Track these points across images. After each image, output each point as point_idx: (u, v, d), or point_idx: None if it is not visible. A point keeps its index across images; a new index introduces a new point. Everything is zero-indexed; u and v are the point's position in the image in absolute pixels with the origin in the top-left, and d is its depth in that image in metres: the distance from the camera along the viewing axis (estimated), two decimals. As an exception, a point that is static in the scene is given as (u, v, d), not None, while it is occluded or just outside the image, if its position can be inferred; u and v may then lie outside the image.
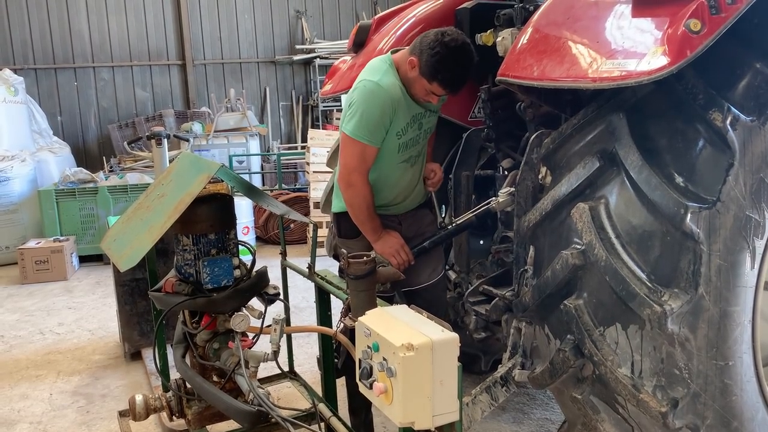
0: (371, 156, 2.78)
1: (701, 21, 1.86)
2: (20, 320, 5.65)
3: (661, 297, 2.00)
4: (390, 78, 2.75)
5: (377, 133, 2.74)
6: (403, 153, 2.88)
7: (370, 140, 2.74)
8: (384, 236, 2.88)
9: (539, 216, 2.40)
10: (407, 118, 2.81)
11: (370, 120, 2.71)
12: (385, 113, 2.72)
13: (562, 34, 2.29)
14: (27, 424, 3.74)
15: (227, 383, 2.67)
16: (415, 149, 2.92)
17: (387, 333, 1.79)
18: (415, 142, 2.90)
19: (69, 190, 7.51)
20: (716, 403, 2.04)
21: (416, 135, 2.89)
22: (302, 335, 4.64)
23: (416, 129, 2.87)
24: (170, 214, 2.46)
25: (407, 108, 2.79)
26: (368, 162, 2.79)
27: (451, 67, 2.62)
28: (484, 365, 3.73)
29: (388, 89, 2.72)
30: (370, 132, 2.73)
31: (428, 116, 2.91)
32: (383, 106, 2.71)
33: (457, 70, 2.65)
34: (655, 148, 2.12)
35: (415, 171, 3.00)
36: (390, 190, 2.96)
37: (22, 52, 10.76)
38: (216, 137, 9.96)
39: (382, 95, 2.71)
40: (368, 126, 2.72)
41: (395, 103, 2.73)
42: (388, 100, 2.71)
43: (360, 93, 2.75)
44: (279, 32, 12.17)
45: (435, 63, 2.61)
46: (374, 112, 2.71)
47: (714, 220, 1.94)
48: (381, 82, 2.73)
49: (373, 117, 2.71)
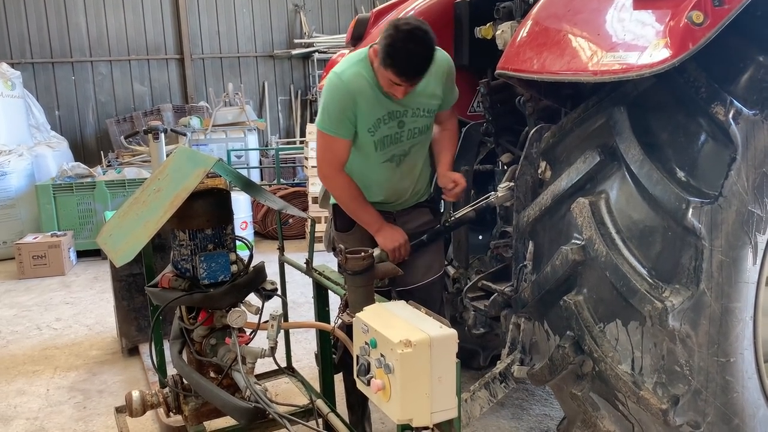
0: (341, 149, 2.76)
1: (704, 13, 1.83)
2: (17, 315, 5.63)
3: (662, 293, 1.98)
4: (354, 69, 2.72)
5: (341, 125, 2.72)
6: (382, 151, 2.82)
7: (336, 132, 2.73)
8: (385, 228, 2.84)
9: (539, 211, 2.38)
10: (379, 113, 2.74)
11: (331, 111, 2.72)
12: (345, 105, 2.70)
13: (562, 26, 2.26)
14: (24, 420, 3.73)
15: (224, 379, 2.65)
16: (398, 148, 2.85)
17: (385, 329, 1.77)
18: (395, 141, 2.83)
19: (66, 184, 7.49)
20: (717, 400, 2.02)
21: (395, 133, 2.81)
22: (300, 331, 4.62)
23: (395, 127, 2.80)
24: (166, 209, 2.44)
25: (377, 102, 2.73)
26: (338, 154, 2.77)
27: (401, 53, 2.52)
28: (483, 361, 3.72)
29: (348, 81, 2.69)
30: (333, 123, 2.73)
31: (411, 115, 2.81)
32: (341, 98, 2.70)
33: (408, 56, 2.53)
34: (656, 143, 2.09)
35: (405, 172, 2.92)
36: (377, 190, 2.92)
37: (20, 46, 10.72)
38: (214, 132, 9.94)
39: (340, 87, 2.70)
40: (330, 117, 2.72)
41: (356, 95, 2.69)
42: (345, 92, 2.69)
43: (325, 85, 2.77)
44: (277, 26, 12.13)
45: (386, 47, 2.53)
46: (334, 103, 2.71)
47: (716, 215, 1.92)
48: (342, 74, 2.71)
49: (334, 108, 2.71)
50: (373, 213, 2.85)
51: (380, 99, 2.73)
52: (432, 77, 2.73)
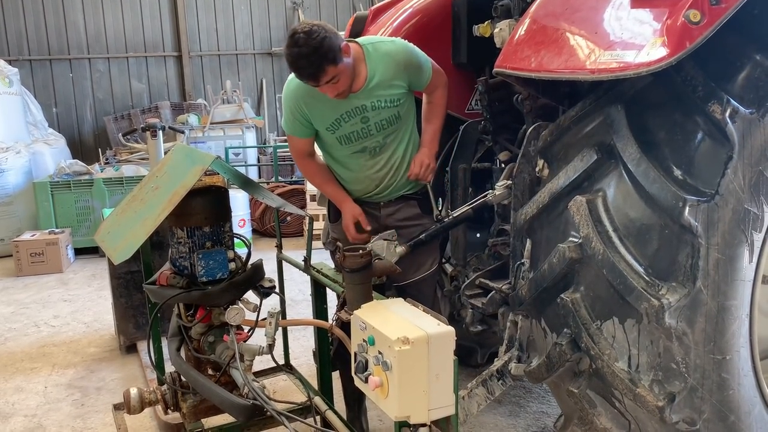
0: (296, 145, 3.02)
1: (701, 12, 1.84)
2: (15, 313, 5.63)
3: (658, 291, 1.99)
4: None
5: (294, 126, 2.95)
6: (348, 145, 2.93)
7: (291, 131, 2.98)
8: (347, 203, 3.02)
9: (536, 209, 2.39)
10: (334, 114, 2.85)
11: (286, 114, 2.96)
12: (294, 109, 2.90)
13: (560, 25, 2.26)
14: (22, 417, 3.73)
15: (222, 377, 2.65)
16: (369, 141, 2.91)
17: (383, 326, 1.78)
18: (364, 135, 2.90)
19: (64, 182, 7.48)
20: (713, 398, 2.03)
21: (361, 129, 2.89)
22: (298, 328, 4.63)
23: (358, 123, 2.87)
24: (164, 206, 2.43)
25: (330, 104, 2.82)
26: (298, 148, 3.03)
27: (289, 58, 2.64)
28: (481, 358, 3.73)
29: (295, 87, 2.87)
30: (289, 124, 2.97)
31: (372, 109, 2.85)
32: (289, 104, 2.91)
33: (293, 60, 2.62)
34: (653, 141, 2.10)
35: (382, 160, 2.97)
36: (354, 180, 3.05)
37: (17, 43, 10.70)
38: (212, 129, 9.93)
39: (288, 93, 2.91)
40: (286, 119, 2.98)
41: (304, 100, 2.86)
42: (293, 98, 2.89)
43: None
44: (276, 24, 12.11)
45: (286, 55, 2.67)
46: (286, 107, 2.94)
47: (712, 213, 1.93)
48: (291, 81, 2.89)
49: (287, 111, 2.95)
50: (336, 188, 3.06)
51: (331, 102, 2.81)
52: (386, 69, 2.82)
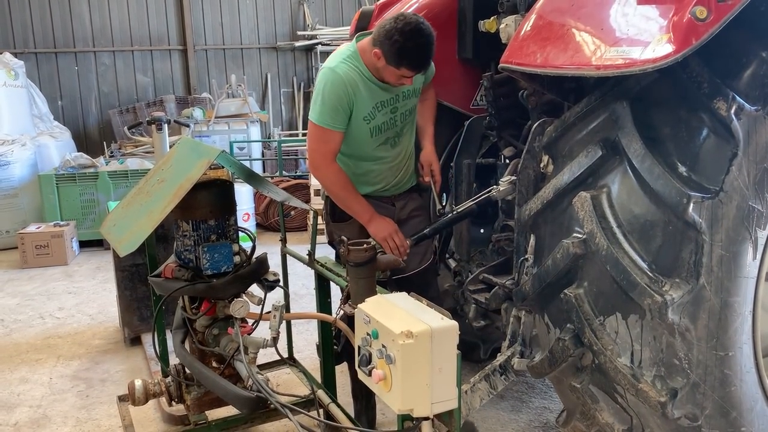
0: (334, 140, 2.86)
1: (707, 8, 1.84)
2: (20, 304, 5.66)
3: (662, 287, 1.99)
4: (348, 64, 2.84)
5: (337, 117, 2.83)
6: (377, 137, 2.95)
7: (331, 125, 2.83)
8: (376, 219, 2.92)
9: (540, 205, 2.39)
10: (373, 102, 2.87)
11: (327, 104, 2.82)
12: (341, 98, 2.81)
13: (566, 21, 2.26)
14: (27, 408, 3.75)
15: (226, 369, 2.67)
16: (392, 131, 2.99)
17: (386, 320, 1.78)
18: (391, 125, 2.97)
19: (69, 174, 7.49)
20: (715, 394, 2.03)
21: (390, 119, 2.95)
22: (302, 322, 4.64)
23: (389, 113, 2.93)
24: (170, 199, 2.45)
25: (371, 94, 2.86)
26: (331, 145, 2.87)
27: (412, 51, 2.68)
28: (484, 354, 3.74)
29: (343, 75, 2.81)
30: (330, 116, 2.82)
31: (403, 99, 2.95)
32: (338, 92, 2.80)
33: (419, 52, 2.70)
34: (658, 137, 2.10)
35: (399, 150, 3.05)
36: (376, 174, 3.03)
37: (23, 35, 10.70)
38: (217, 123, 9.93)
39: (336, 80, 2.81)
40: (326, 110, 2.82)
41: (351, 88, 2.82)
42: (342, 85, 2.80)
43: (318, 80, 2.89)
44: (281, 18, 12.09)
45: (397, 51, 2.67)
46: (331, 97, 2.81)
47: (716, 210, 1.93)
48: (336, 69, 2.83)
49: (332, 102, 2.81)
50: (363, 203, 2.94)
51: (373, 90, 2.86)
52: None
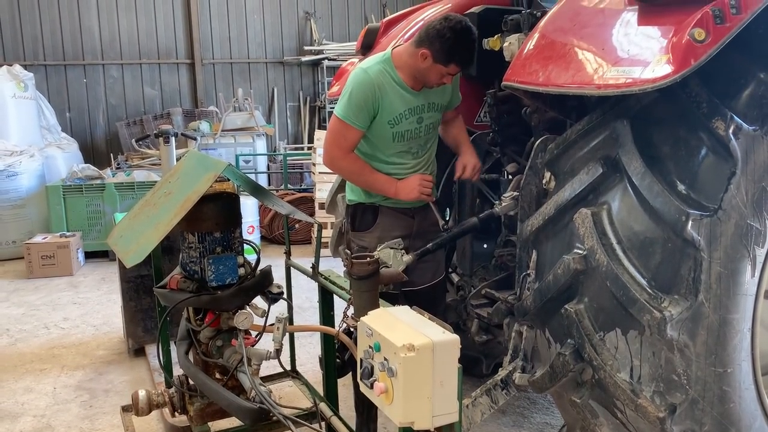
0: (352, 136, 2.97)
1: (706, 30, 1.87)
2: (25, 314, 5.69)
3: (661, 303, 2.01)
4: (379, 67, 2.96)
5: (360, 116, 2.93)
6: (399, 142, 3.02)
7: (353, 122, 2.93)
8: (401, 184, 3.02)
9: (542, 220, 2.42)
10: (401, 108, 2.96)
11: (354, 102, 2.92)
12: (367, 98, 2.91)
13: (568, 40, 2.30)
14: (31, 417, 3.78)
15: (230, 380, 2.68)
16: (415, 143, 3.06)
17: (388, 333, 1.80)
18: (414, 135, 3.04)
19: (76, 186, 7.56)
20: (714, 410, 2.05)
21: (415, 128, 3.02)
22: (304, 335, 4.66)
23: (414, 122, 3.01)
24: (177, 211, 2.48)
25: (399, 99, 2.95)
26: (348, 140, 2.98)
27: (464, 46, 2.86)
28: (485, 369, 3.75)
29: (373, 76, 2.93)
30: (353, 113, 2.93)
31: (428, 111, 3.03)
32: (366, 91, 2.91)
33: (469, 47, 2.88)
34: (658, 156, 2.13)
35: (420, 161, 3.12)
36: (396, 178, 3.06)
37: (33, 48, 10.83)
38: (223, 136, 10.01)
39: (366, 80, 2.92)
40: (351, 107, 2.93)
41: (380, 91, 2.92)
42: (371, 85, 2.91)
43: (349, 78, 3.00)
44: (288, 33, 12.22)
45: (449, 48, 2.81)
46: (358, 96, 2.92)
47: (715, 227, 1.95)
48: (369, 70, 2.95)
49: (357, 100, 2.92)
50: (384, 178, 3.05)
51: (403, 96, 2.96)
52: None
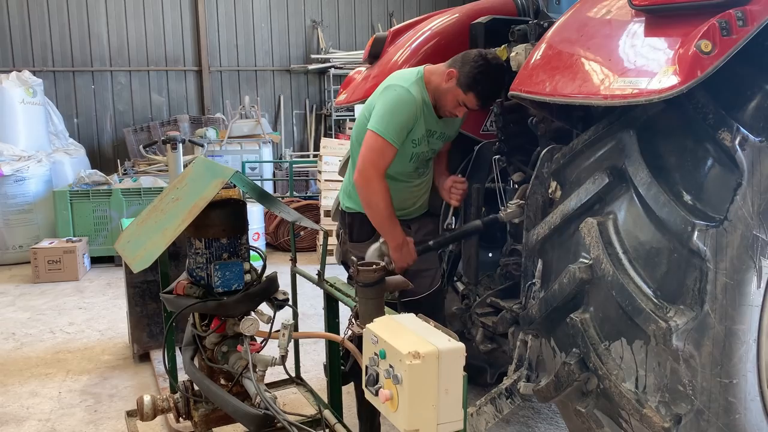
0: (390, 156, 2.91)
1: (712, 42, 1.88)
2: (31, 318, 5.71)
3: (666, 313, 2.01)
4: (417, 87, 2.95)
5: (400, 135, 2.91)
6: (414, 162, 3.07)
7: (394, 140, 2.89)
8: (405, 247, 2.97)
9: (548, 230, 2.43)
10: (424, 130, 3.00)
11: (397, 122, 2.89)
12: (410, 119, 2.92)
13: (575, 50, 2.32)
14: (36, 421, 3.79)
15: (235, 386, 2.69)
16: (422, 164, 3.14)
17: (394, 340, 1.81)
18: (424, 157, 3.11)
19: (83, 191, 7.59)
20: (719, 421, 2.04)
21: (429, 149, 3.09)
22: (309, 342, 4.67)
23: (427, 144, 3.06)
24: (184, 217, 2.49)
25: (426, 121, 2.99)
26: (386, 160, 2.91)
27: (490, 82, 2.85)
28: (490, 378, 3.74)
29: (417, 96, 2.93)
30: (396, 133, 2.89)
31: (437, 137, 3.08)
32: (410, 112, 2.91)
33: (494, 86, 2.89)
34: (664, 166, 2.14)
35: (423, 180, 3.20)
36: (401, 194, 3.12)
37: (42, 54, 10.91)
38: (230, 143, 10.05)
39: (410, 100, 2.91)
40: (395, 127, 2.88)
41: (419, 112, 2.93)
42: (413, 108, 2.91)
43: (392, 95, 2.93)
44: (295, 41, 12.27)
45: (476, 74, 2.81)
46: (402, 115, 2.90)
47: (721, 238, 1.96)
48: (411, 89, 2.93)
49: (401, 120, 2.89)
50: (399, 228, 2.99)
51: (428, 117, 2.99)
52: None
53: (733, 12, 1.90)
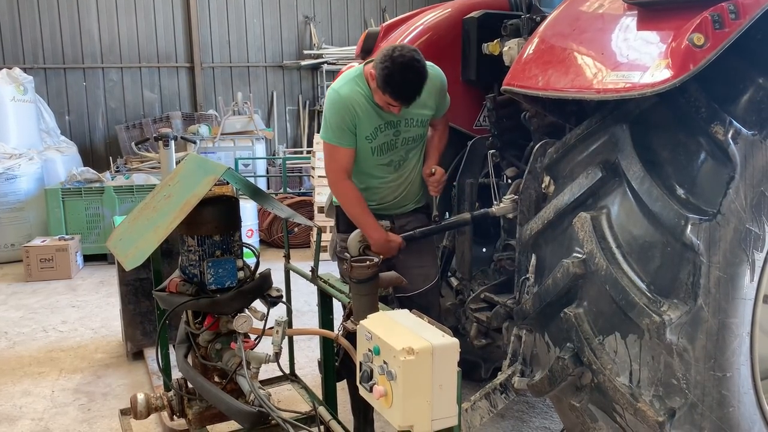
0: (342, 156, 2.99)
1: (705, 35, 1.88)
2: (24, 317, 5.68)
3: (660, 307, 2.02)
4: (351, 86, 2.96)
5: (343, 135, 2.96)
6: (379, 156, 3.04)
7: (338, 142, 2.97)
8: (382, 240, 2.99)
9: (541, 225, 2.43)
10: (375, 123, 2.97)
11: (332, 124, 2.97)
12: (343, 118, 2.94)
13: (567, 45, 2.31)
14: (29, 421, 3.77)
15: (228, 384, 2.68)
16: (395, 154, 3.08)
17: (388, 337, 1.81)
18: (391, 147, 3.05)
19: (75, 189, 7.55)
20: (713, 414, 2.05)
21: (391, 140, 3.04)
22: (303, 339, 4.66)
23: (390, 135, 3.02)
24: (176, 214, 2.48)
25: (374, 114, 2.96)
26: (341, 162, 2.99)
27: (398, 82, 2.76)
28: (485, 373, 3.75)
29: (346, 96, 2.94)
30: (335, 134, 2.97)
31: (405, 125, 3.03)
32: (340, 112, 2.94)
33: (404, 84, 2.78)
34: (657, 160, 2.14)
35: (401, 175, 3.15)
36: (374, 191, 3.13)
37: (32, 51, 10.83)
38: (222, 140, 10.01)
39: (338, 101, 2.95)
40: (332, 128, 2.97)
41: (355, 109, 2.93)
42: (344, 106, 2.93)
43: (327, 99, 3.06)
44: (287, 37, 12.22)
45: (384, 77, 2.76)
46: (334, 117, 2.96)
47: (714, 232, 1.96)
48: (340, 90, 2.97)
49: (335, 121, 2.95)
50: (374, 222, 3.03)
51: (377, 111, 2.95)
52: (425, 92, 2.88)
53: (726, 5, 1.90)
